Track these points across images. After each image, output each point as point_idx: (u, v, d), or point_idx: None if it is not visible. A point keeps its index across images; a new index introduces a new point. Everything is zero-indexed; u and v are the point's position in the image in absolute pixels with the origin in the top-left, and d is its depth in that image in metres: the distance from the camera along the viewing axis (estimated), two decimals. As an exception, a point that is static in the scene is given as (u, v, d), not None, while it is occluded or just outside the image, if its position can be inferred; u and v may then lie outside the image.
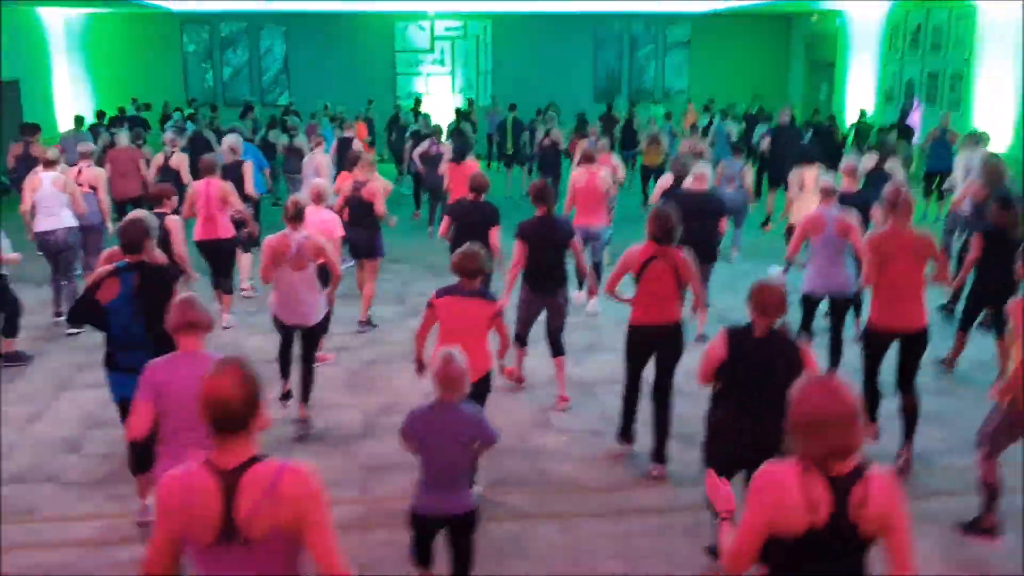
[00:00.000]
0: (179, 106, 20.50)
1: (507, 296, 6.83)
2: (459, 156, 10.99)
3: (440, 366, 4.14)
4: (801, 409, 2.68)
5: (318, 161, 10.77)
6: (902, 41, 19.23)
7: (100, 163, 10.85)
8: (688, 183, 8.62)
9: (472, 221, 7.68)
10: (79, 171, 9.63)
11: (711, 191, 8.69)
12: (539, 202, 6.94)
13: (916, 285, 5.82)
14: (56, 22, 20.91)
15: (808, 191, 10.03)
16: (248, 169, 9.87)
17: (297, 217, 6.41)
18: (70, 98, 21.13)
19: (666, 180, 9.44)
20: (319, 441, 6.47)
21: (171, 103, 20.78)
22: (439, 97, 23.46)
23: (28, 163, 11.48)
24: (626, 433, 6.23)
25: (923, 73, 18.44)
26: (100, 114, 18.34)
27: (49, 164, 8.88)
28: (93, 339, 8.62)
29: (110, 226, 9.46)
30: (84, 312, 4.97)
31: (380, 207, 8.73)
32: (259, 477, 2.57)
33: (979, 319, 7.90)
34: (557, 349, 7.06)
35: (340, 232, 7.79)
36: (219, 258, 8.73)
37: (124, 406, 4.97)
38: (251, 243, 9.61)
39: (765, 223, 12.83)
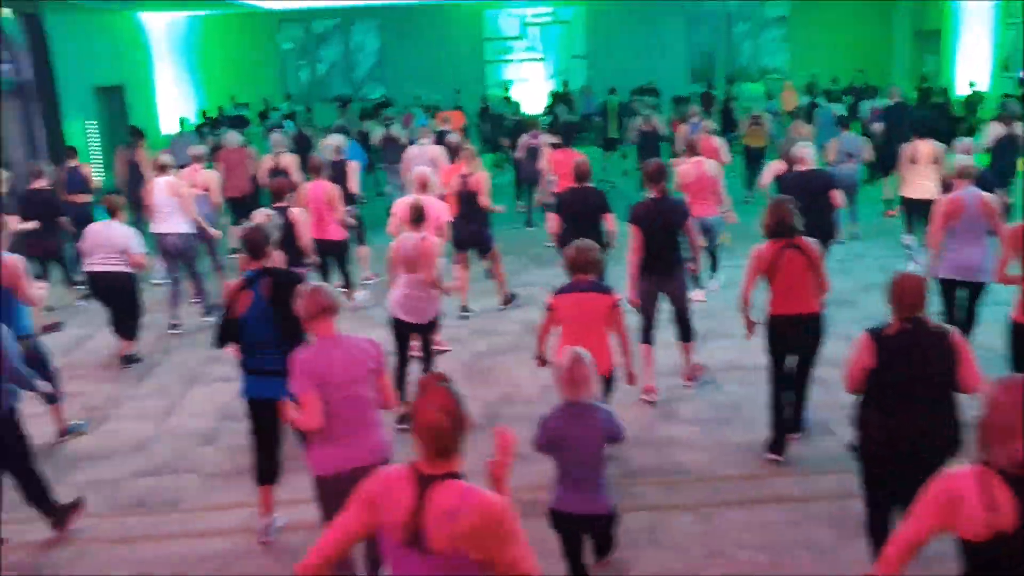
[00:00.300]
0: (276, 105, 20.92)
1: (633, 290, 6.70)
2: (564, 142, 10.89)
3: (567, 368, 4.11)
4: (996, 413, 2.56)
5: (431, 153, 10.82)
6: (1022, 6, 18.28)
7: (210, 163, 11.13)
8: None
9: (580, 209, 7.62)
10: (193, 173, 9.92)
11: (817, 168, 8.51)
12: (652, 183, 6.79)
13: None
14: (158, 26, 21.57)
15: (921, 165, 9.71)
16: (354, 169, 10.02)
17: (419, 220, 6.42)
18: (172, 101, 21.79)
19: (778, 166, 9.21)
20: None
21: (270, 101, 21.25)
22: (530, 84, 23.42)
23: (136, 168, 11.91)
24: (778, 445, 5.88)
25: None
26: (205, 115, 18.84)
27: (162, 169, 9.17)
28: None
29: (213, 231, 9.64)
30: (226, 334, 5.00)
31: (484, 199, 8.76)
32: (449, 495, 2.60)
33: None
34: (685, 333, 6.94)
35: (447, 216, 7.91)
36: (330, 257, 8.91)
37: (252, 406, 5.08)
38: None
39: (889, 208, 12.47)
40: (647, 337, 6.88)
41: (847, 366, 4.23)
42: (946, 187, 8.20)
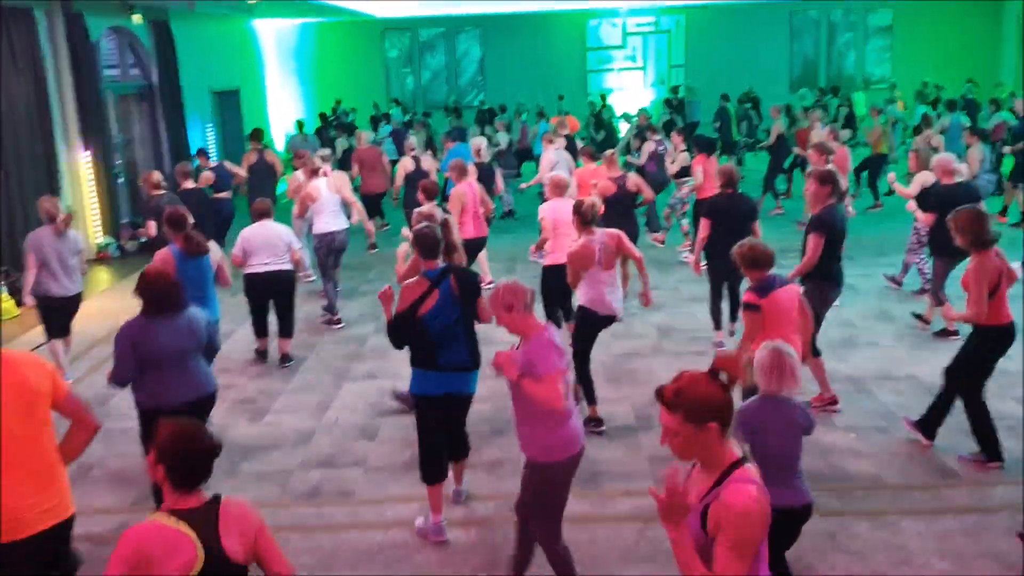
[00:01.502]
0: (385, 111, 21.27)
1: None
2: (709, 149, 10.90)
3: (774, 361, 4.12)
4: None
5: (566, 157, 11.03)
6: None
7: (336, 164, 11.47)
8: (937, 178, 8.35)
9: (736, 215, 7.62)
10: (325, 174, 10.20)
11: (965, 182, 8.38)
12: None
13: None
14: (269, 33, 22.19)
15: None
16: (499, 172, 10.30)
17: (592, 222, 6.49)
18: (281, 105, 22.39)
19: (926, 178, 9.01)
20: (599, 433, 6.57)
21: (380, 106, 21.66)
22: (630, 92, 23.46)
23: (261, 170, 12.28)
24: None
25: None
26: (323, 117, 19.34)
27: (314, 172, 9.46)
28: (357, 331, 9.17)
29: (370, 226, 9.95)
30: (405, 331, 5.04)
31: (648, 192, 9.15)
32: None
33: None
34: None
35: None
36: (477, 254, 9.13)
37: (448, 401, 5.15)
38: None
39: (1003, 212, 12.22)
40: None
41: None
42: None
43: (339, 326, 9.30)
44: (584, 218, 6.40)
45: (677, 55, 23.82)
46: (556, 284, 7.74)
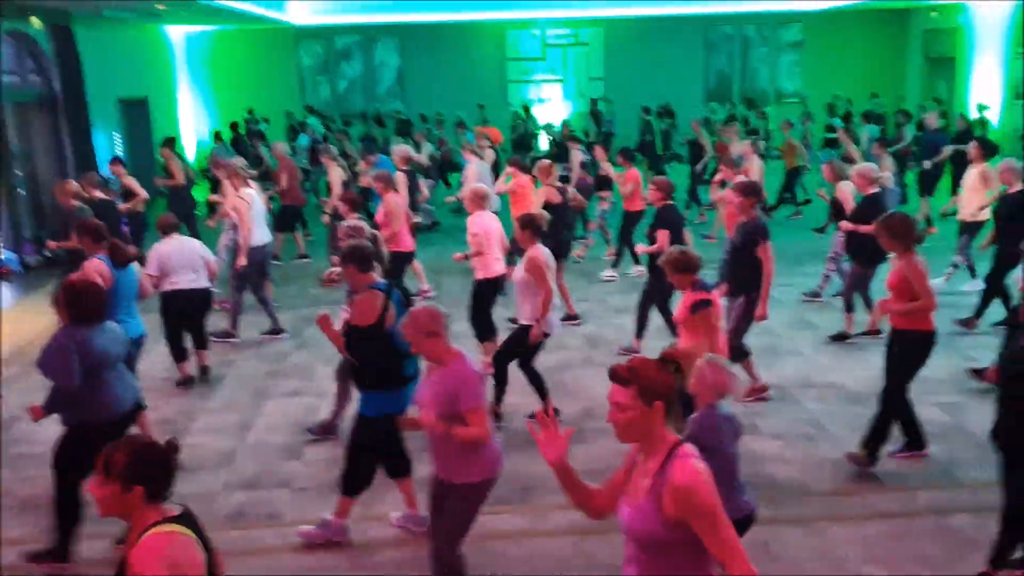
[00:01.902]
0: (300, 120, 20.92)
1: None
2: (631, 159, 11.11)
3: (714, 371, 4.12)
4: None
5: (477, 171, 10.96)
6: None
7: (265, 177, 11.26)
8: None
9: (678, 226, 7.99)
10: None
11: (883, 191, 8.65)
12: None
13: None
14: (180, 40, 21.63)
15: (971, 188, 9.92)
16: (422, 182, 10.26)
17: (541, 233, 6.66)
18: (191, 114, 21.83)
19: (849, 187, 9.20)
20: (532, 446, 6.48)
21: (294, 116, 21.31)
22: (550, 104, 23.64)
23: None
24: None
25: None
26: (233, 126, 18.96)
27: (245, 181, 9.27)
28: (279, 348, 8.93)
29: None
30: (373, 344, 4.92)
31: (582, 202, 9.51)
32: None
33: None
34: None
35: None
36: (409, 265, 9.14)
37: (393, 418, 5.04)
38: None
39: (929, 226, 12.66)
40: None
41: None
42: None
43: (237, 341, 9.08)
44: (538, 229, 6.47)
45: (596, 68, 24.07)
46: (490, 298, 7.79)
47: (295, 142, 17.25)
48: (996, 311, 8.58)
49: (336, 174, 11.34)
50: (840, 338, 8.52)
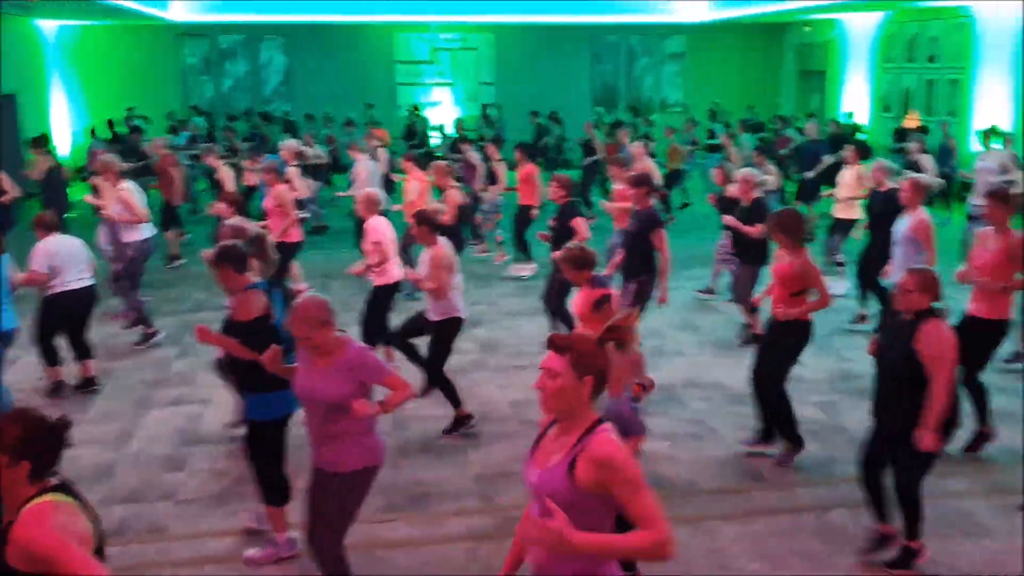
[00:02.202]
0: (182, 119, 20.23)
1: None
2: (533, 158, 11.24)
3: (622, 363, 4.18)
4: None
5: (367, 169, 10.85)
6: (898, 51, 19.64)
7: (145, 173, 10.94)
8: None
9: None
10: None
11: (765, 195, 9.05)
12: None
13: None
14: (54, 35, 20.65)
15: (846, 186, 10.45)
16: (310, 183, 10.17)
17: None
18: (67, 111, 20.87)
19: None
20: (426, 453, 6.47)
21: (175, 115, 20.59)
22: (441, 108, 23.61)
23: (55, 178, 11.56)
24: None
25: (920, 82, 18.87)
26: (110, 124, 18.29)
27: (121, 176, 8.95)
28: (160, 355, 8.60)
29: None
30: (264, 335, 4.74)
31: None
32: None
33: None
34: None
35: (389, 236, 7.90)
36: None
37: (287, 418, 4.97)
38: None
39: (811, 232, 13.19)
40: None
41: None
42: None
43: (156, 337, 8.85)
44: (434, 225, 6.44)
45: (486, 73, 24.17)
46: (388, 304, 7.74)
47: (175, 138, 16.71)
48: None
49: (225, 173, 11.04)
50: (754, 340, 8.71)
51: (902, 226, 7.49)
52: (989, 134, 11.83)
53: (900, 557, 4.86)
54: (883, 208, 8.41)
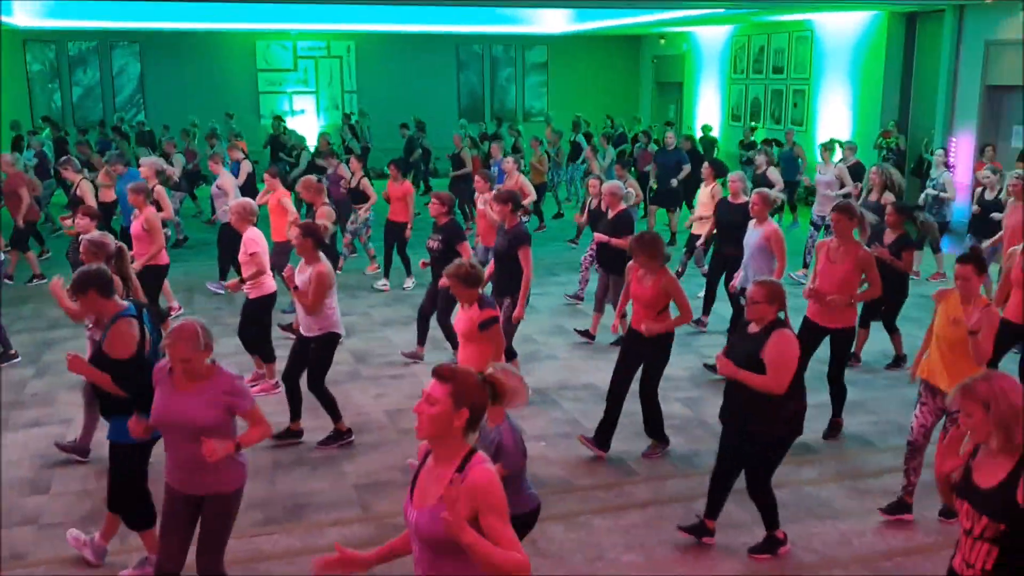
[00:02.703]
0: (29, 129, 19.24)
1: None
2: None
3: (515, 380, 4.28)
4: None
5: (231, 182, 10.64)
6: (746, 62, 20.68)
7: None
8: None
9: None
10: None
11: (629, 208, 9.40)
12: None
13: None
14: None
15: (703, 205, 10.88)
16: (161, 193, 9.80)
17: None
18: None
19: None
20: (301, 465, 6.43)
21: (21, 125, 19.51)
22: (305, 117, 23.29)
23: None
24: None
25: (767, 92, 19.92)
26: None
27: None
28: (16, 375, 8.20)
29: None
30: (143, 374, 4.53)
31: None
32: None
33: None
34: None
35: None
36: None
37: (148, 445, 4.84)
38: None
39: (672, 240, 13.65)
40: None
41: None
42: None
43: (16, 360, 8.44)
44: (320, 241, 6.42)
45: (350, 81, 23.99)
46: (266, 316, 7.64)
47: (22, 155, 15.83)
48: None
49: (86, 187, 10.58)
50: (586, 335, 9.13)
51: (754, 237, 7.84)
52: (828, 148, 12.64)
53: (763, 544, 5.20)
54: (732, 219, 8.81)
